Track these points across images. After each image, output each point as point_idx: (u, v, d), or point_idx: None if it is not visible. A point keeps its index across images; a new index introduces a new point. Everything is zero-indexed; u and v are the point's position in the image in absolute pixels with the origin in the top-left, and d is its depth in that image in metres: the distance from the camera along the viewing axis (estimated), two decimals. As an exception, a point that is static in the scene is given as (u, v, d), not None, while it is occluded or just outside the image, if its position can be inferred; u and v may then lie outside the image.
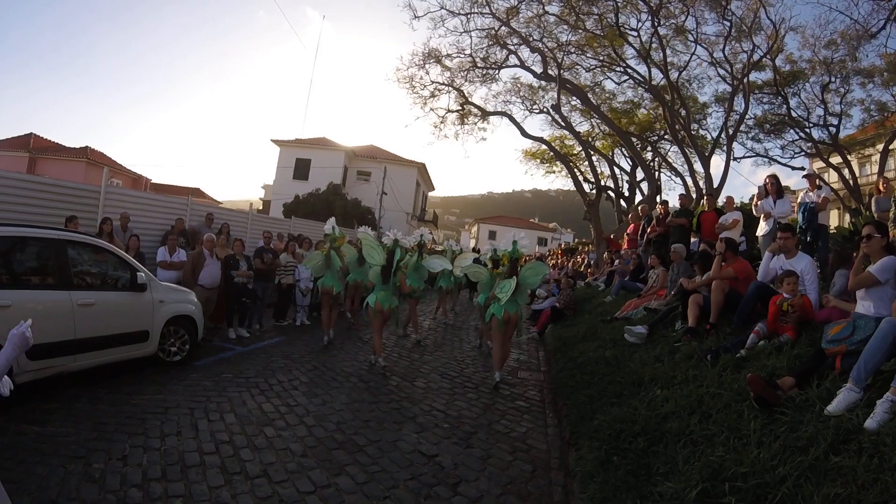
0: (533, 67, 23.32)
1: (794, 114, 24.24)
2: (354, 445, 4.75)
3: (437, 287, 12.85)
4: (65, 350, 5.61)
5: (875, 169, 27.17)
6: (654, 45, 21.44)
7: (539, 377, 7.91)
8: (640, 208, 14.54)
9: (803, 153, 26.99)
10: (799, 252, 5.70)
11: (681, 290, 6.75)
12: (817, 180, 8.07)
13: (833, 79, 22.61)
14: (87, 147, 33.84)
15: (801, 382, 3.69)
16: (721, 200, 13.50)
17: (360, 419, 5.46)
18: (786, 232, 5.71)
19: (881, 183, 7.95)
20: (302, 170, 34.44)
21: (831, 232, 8.95)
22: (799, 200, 8.01)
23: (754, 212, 8.35)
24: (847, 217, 20.08)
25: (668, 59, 21.83)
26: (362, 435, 5.01)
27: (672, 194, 32.52)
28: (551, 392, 6.95)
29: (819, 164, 26.28)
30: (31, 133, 33.84)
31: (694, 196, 19.94)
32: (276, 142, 36.03)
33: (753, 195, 9.17)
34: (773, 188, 7.84)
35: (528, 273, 7.33)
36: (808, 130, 25.02)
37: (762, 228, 7.93)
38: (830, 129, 24.18)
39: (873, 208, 7.87)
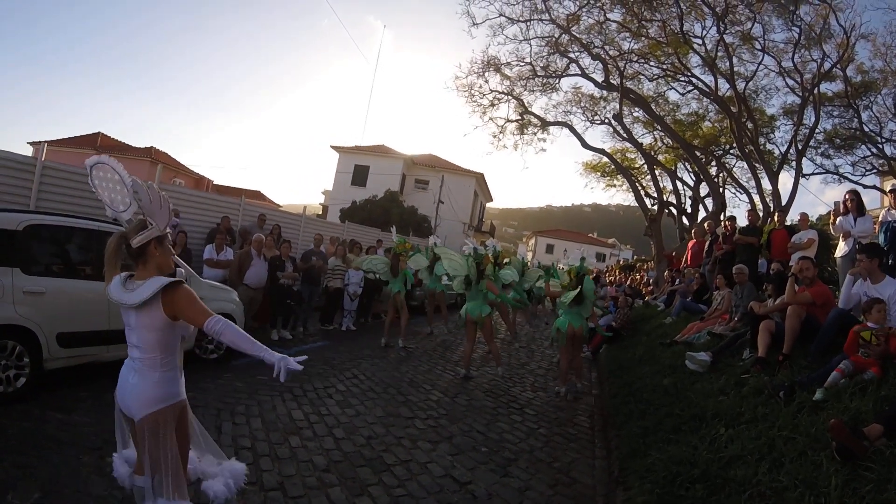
0: (594, 76, 22.72)
1: (865, 128, 22.79)
2: (382, 464, 4.44)
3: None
4: (98, 340, 5.60)
5: (950, 188, 25.24)
6: (719, 54, 20.54)
7: (590, 401, 7.42)
8: (706, 224, 13.77)
9: (875, 170, 25.37)
10: (886, 277, 5.01)
11: (750, 314, 6.13)
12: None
13: (906, 90, 21.11)
14: (151, 147, 34.65)
15: (891, 431, 3.15)
16: (792, 218, 12.56)
17: (393, 435, 5.14)
18: (862, 253, 5.08)
19: None
20: (360, 176, 34.74)
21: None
22: (881, 219, 7.26)
23: (832, 231, 7.63)
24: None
25: (735, 69, 20.85)
26: (392, 453, 4.69)
27: (737, 211, 31.16)
28: (602, 419, 6.45)
29: (892, 181, 24.61)
30: (99, 132, 35.06)
31: (761, 213, 18.89)
32: (335, 148, 36.51)
33: (822, 214, 8.49)
34: (854, 205, 7.08)
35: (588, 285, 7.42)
36: (880, 146, 23.47)
37: (841, 249, 7.17)
38: (904, 144, 22.59)
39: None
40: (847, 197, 7.25)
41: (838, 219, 7.19)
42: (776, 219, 9.79)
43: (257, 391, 6.01)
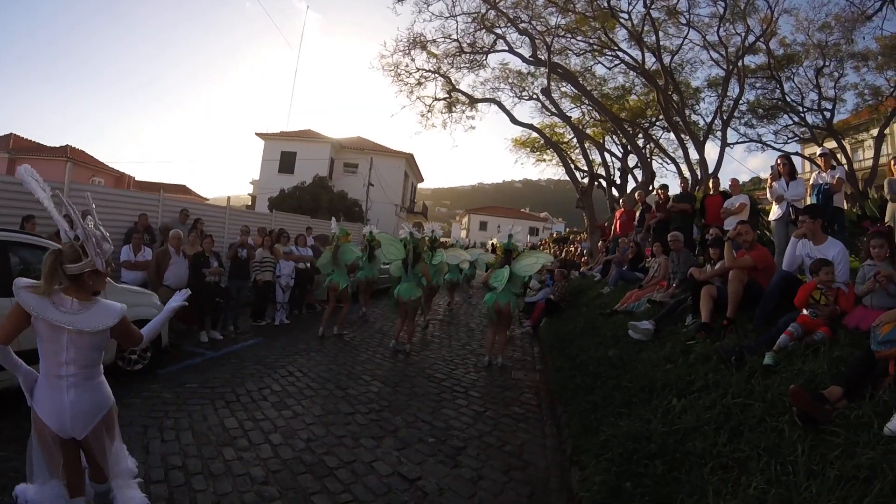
0: (521, 52, 22.62)
1: (788, 98, 23.84)
2: (324, 468, 4.12)
3: (445, 280, 12.72)
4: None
5: (868, 154, 26.82)
6: (646, 28, 20.81)
7: (535, 377, 7.29)
8: (636, 194, 13.92)
9: (797, 138, 26.66)
10: (829, 237, 4.99)
11: (690, 280, 6.08)
12: (832, 160, 7.43)
13: (827, 62, 22.20)
14: (67, 146, 32.66)
15: (851, 393, 3.06)
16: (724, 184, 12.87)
17: (334, 435, 4.82)
18: (805, 214, 5.04)
19: (895, 164, 7.33)
20: (287, 163, 33.55)
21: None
22: (811, 182, 7.41)
23: (767, 195, 7.74)
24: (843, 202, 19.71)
25: (661, 43, 21.19)
26: (334, 455, 4.38)
27: (665, 181, 32.06)
28: (549, 395, 6.32)
29: (813, 148, 25.94)
30: (11, 133, 32.75)
31: (689, 181, 19.36)
32: (260, 135, 35.16)
33: (745, 181, 8.68)
34: (786, 169, 7.20)
35: (523, 262, 7.60)
36: (801, 115, 24.65)
37: (774, 213, 7.27)
38: (825, 113, 23.80)
39: (886, 190, 7.26)
40: (779, 161, 7.34)
41: (774, 183, 7.27)
42: (710, 185, 9.85)
43: (186, 401, 5.57)
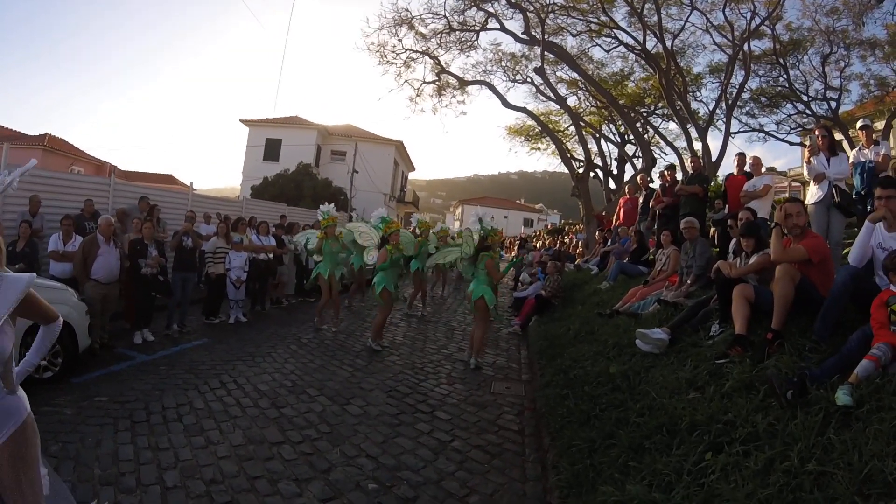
0: (514, 30, 21.26)
1: (793, 86, 22.88)
2: (218, 531, 2.96)
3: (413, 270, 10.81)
4: None
5: (868, 146, 25.79)
6: (647, 5, 19.57)
7: (520, 390, 6.09)
8: (638, 177, 12.68)
9: (800, 128, 25.51)
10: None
11: (718, 278, 4.75)
12: (874, 134, 6.20)
13: (834, 49, 21.19)
14: (46, 134, 31.75)
15: None
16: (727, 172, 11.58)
17: (247, 475, 3.65)
18: (888, 189, 3.66)
19: None
20: (272, 150, 32.38)
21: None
22: (852, 160, 6.19)
23: (805, 172, 6.50)
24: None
25: (663, 24, 19.99)
26: (239, 506, 3.23)
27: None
28: (534, 417, 5.10)
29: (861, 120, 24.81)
30: (-13, 122, 31.93)
31: (701, 160, 18.24)
32: (244, 121, 33.89)
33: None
34: (826, 143, 5.90)
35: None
36: (806, 103, 23.65)
37: (813, 195, 5.93)
38: (830, 102, 22.76)
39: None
40: (818, 134, 6.11)
41: (812, 158, 6.01)
42: (736, 163, 8.42)
43: (87, 419, 4.51)
